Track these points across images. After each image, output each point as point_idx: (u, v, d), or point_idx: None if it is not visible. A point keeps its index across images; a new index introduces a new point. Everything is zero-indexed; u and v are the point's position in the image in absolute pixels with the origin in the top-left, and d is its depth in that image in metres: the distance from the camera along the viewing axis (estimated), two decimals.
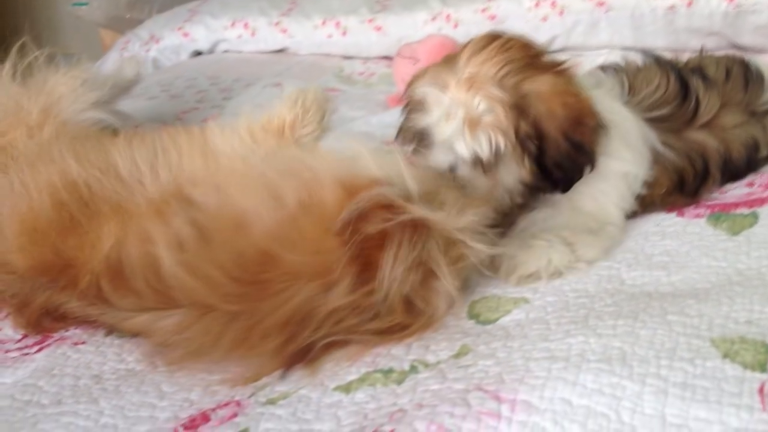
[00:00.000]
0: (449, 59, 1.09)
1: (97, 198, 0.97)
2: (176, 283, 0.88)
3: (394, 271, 0.89)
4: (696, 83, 1.24)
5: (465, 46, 1.08)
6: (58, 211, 0.97)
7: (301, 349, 0.88)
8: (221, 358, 0.89)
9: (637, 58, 1.34)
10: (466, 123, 1.03)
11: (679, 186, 1.20)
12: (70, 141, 1.10)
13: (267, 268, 0.88)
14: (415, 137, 1.11)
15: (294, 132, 1.10)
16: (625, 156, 1.14)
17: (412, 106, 1.12)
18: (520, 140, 1.05)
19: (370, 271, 0.89)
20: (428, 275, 0.93)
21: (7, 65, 1.29)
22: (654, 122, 1.18)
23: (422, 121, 1.08)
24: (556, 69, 1.09)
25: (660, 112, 1.20)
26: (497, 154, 1.04)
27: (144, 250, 0.89)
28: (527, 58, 1.07)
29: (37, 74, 1.29)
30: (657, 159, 1.17)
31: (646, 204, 1.19)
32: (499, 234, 1.05)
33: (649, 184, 1.17)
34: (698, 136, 1.21)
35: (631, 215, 1.18)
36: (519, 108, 1.04)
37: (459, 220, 0.94)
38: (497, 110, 1.03)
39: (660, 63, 1.29)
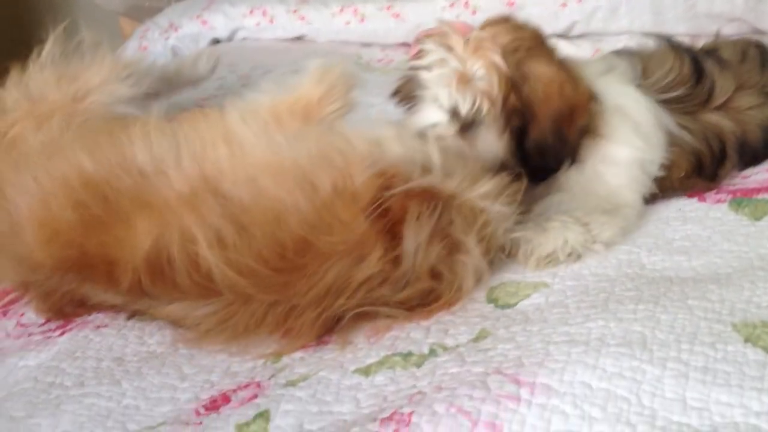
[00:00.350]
0: (449, 32, 1.11)
1: (118, 194, 0.96)
2: (221, 278, 0.89)
3: (416, 239, 0.91)
4: (711, 65, 1.24)
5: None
6: (79, 211, 0.96)
7: (333, 318, 0.90)
8: (260, 339, 0.91)
9: (651, 43, 1.33)
10: (457, 76, 1.05)
11: (698, 169, 1.20)
12: (81, 136, 1.09)
13: (304, 254, 0.89)
14: (411, 92, 1.13)
15: (320, 111, 1.08)
16: (635, 143, 1.13)
17: (410, 64, 1.14)
18: (506, 112, 1.06)
19: (398, 242, 0.91)
20: (455, 247, 0.95)
21: (48, 47, 1.28)
22: (668, 104, 1.18)
23: (418, 76, 1.09)
24: (563, 61, 1.11)
25: (674, 93, 1.19)
26: (476, 117, 1.06)
27: (185, 248, 0.90)
28: (538, 42, 1.09)
29: (80, 59, 1.29)
30: (673, 141, 1.16)
31: (665, 187, 1.19)
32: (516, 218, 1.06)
33: (667, 167, 1.17)
34: (713, 118, 1.21)
35: (651, 199, 1.18)
36: (515, 82, 1.05)
37: (478, 187, 0.96)
38: (492, 78, 1.05)
39: (674, 46, 1.29)
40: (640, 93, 1.17)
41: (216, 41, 2.51)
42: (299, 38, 2.42)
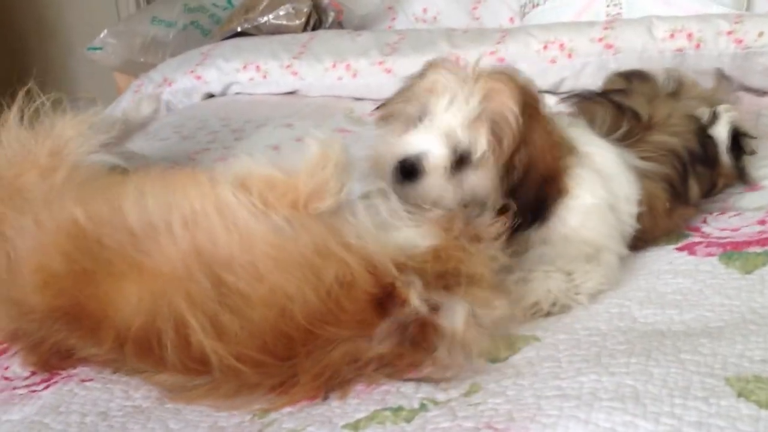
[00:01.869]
0: (461, 66, 1.12)
1: (108, 252, 0.95)
2: (220, 365, 0.88)
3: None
4: (618, 97, 1.31)
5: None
6: (69, 262, 0.95)
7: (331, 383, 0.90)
8: (252, 401, 0.90)
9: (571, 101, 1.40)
10: (483, 117, 1.04)
11: (674, 195, 1.22)
12: (79, 187, 1.09)
13: (310, 342, 0.89)
14: (400, 118, 1.12)
15: (309, 206, 1.02)
16: (598, 191, 1.14)
17: (409, 89, 1.13)
18: (507, 165, 1.06)
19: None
20: None
21: (14, 109, 1.29)
22: (622, 142, 1.21)
23: (422, 102, 1.08)
24: (551, 126, 1.12)
25: (621, 131, 1.23)
26: (483, 161, 1.06)
27: (178, 331, 0.89)
28: (538, 106, 1.10)
29: (45, 119, 1.29)
30: (643, 174, 1.19)
31: (654, 225, 1.20)
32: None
33: (646, 201, 1.18)
34: (659, 138, 1.25)
35: (643, 244, 1.20)
36: (522, 141, 1.06)
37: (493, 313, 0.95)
38: (507, 129, 1.04)
39: (587, 97, 1.36)
40: (601, 140, 1.19)
41: (209, 96, 2.54)
42: (292, 93, 2.45)
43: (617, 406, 0.78)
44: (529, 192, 1.08)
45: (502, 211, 1.06)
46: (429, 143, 1.06)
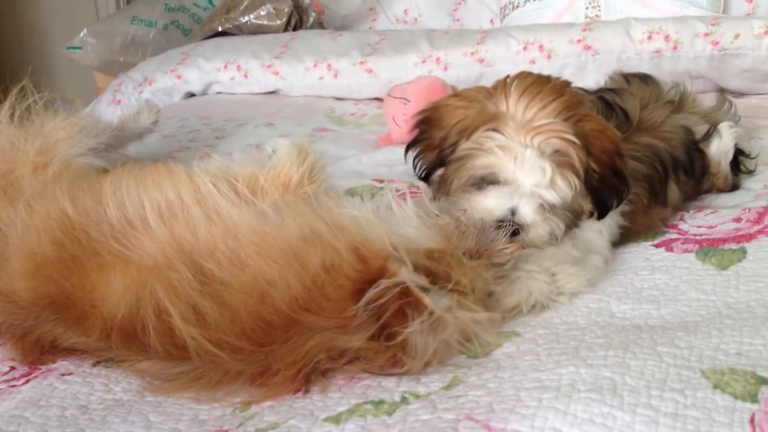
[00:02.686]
0: (475, 96, 1.11)
1: (94, 243, 0.97)
2: (198, 352, 0.88)
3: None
4: (611, 96, 1.31)
5: (501, 87, 1.09)
6: (58, 251, 0.97)
7: (310, 374, 0.90)
8: (233, 391, 0.90)
9: None
10: (553, 169, 1.04)
11: (653, 195, 1.23)
12: (69, 181, 1.10)
13: (290, 329, 0.89)
14: (464, 184, 1.10)
15: (299, 189, 1.07)
16: None
17: (457, 155, 1.10)
18: (588, 177, 1.07)
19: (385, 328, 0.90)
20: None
21: (5, 107, 1.30)
22: None
23: (483, 167, 1.06)
24: (587, 103, 1.14)
25: None
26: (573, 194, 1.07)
27: (160, 319, 0.89)
28: (573, 99, 1.10)
29: (36, 118, 1.30)
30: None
31: (636, 223, 1.22)
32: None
33: (631, 201, 1.19)
34: (644, 139, 1.26)
35: (623, 240, 1.22)
36: (585, 147, 1.06)
37: (474, 315, 0.94)
38: (570, 152, 1.05)
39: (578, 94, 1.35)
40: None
41: (190, 95, 2.54)
42: (273, 92, 2.45)
43: (595, 397, 0.79)
44: (608, 179, 1.10)
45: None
46: (517, 201, 1.06)
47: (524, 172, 1.04)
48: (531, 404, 0.79)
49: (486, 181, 1.07)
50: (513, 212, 1.06)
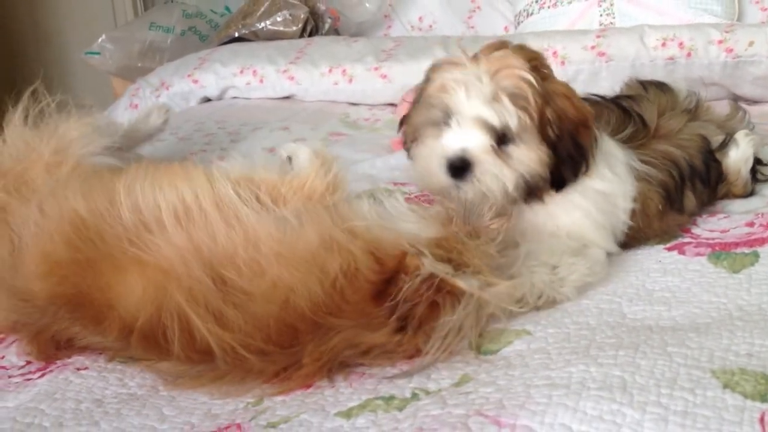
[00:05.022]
0: (461, 58, 1.12)
1: (108, 245, 0.97)
2: (224, 355, 0.90)
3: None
4: (628, 103, 1.33)
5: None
6: (72, 251, 0.98)
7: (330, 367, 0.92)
8: (251, 388, 0.92)
9: None
10: (501, 92, 1.05)
11: (668, 202, 1.24)
12: (82, 181, 1.11)
13: (314, 331, 0.90)
14: (426, 126, 1.13)
15: (323, 199, 1.08)
16: (606, 175, 1.16)
17: (423, 99, 1.14)
18: (542, 125, 1.08)
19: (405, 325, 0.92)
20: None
21: (19, 109, 1.31)
22: (625, 144, 1.23)
23: (440, 102, 1.09)
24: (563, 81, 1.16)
25: (625, 133, 1.25)
26: (521, 130, 1.07)
27: (181, 326, 0.91)
28: (543, 64, 1.13)
29: (49, 120, 1.31)
30: (640, 176, 1.20)
31: (648, 221, 1.22)
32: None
33: (640, 201, 1.19)
34: (663, 147, 1.26)
35: (635, 243, 1.22)
36: (544, 97, 1.08)
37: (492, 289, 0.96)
38: (526, 92, 1.06)
39: (596, 101, 1.36)
40: (606, 136, 1.21)
41: (206, 100, 2.56)
42: (288, 97, 2.46)
43: (605, 395, 0.79)
44: (567, 143, 1.10)
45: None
46: (466, 136, 1.07)
47: (472, 102, 1.06)
48: (541, 401, 0.79)
49: (443, 122, 1.09)
50: (463, 151, 1.07)
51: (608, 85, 2.04)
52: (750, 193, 1.43)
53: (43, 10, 3.90)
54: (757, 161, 1.45)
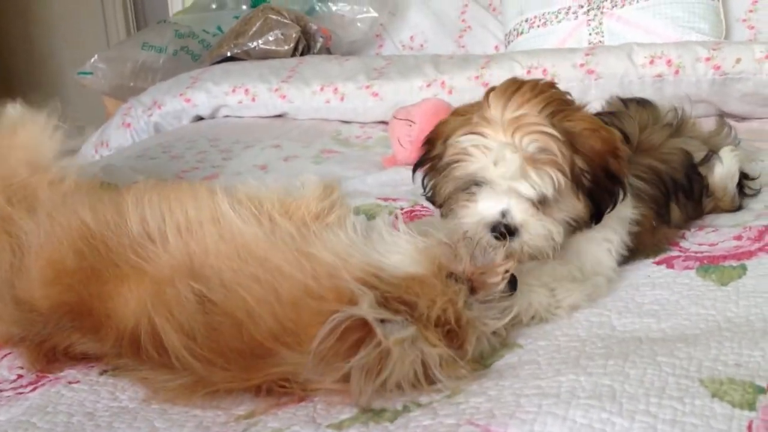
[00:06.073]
0: (469, 110, 1.11)
1: (113, 255, 0.99)
2: (180, 364, 0.90)
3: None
4: (610, 119, 1.31)
5: (487, 94, 1.10)
6: (79, 260, 0.99)
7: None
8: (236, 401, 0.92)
9: None
10: (528, 162, 1.03)
11: (658, 214, 1.24)
12: (88, 193, 1.13)
13: (268, 360, 0.89)
14: (454, 192, 1.11)
15: (315, 222, 1.07)
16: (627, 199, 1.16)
17: (442, 167, 1.11)
18: (575, 175, 1.07)
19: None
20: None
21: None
22: None
23: (466, 171, 1.07)
24: (581, 107, 1.14)
25: None
26: (558, 192, 1.06)
27: (156, 331, 0.92)
28: (558, 98, 1.11)
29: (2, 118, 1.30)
30: (634, 192, 1.20)
31: (643, 239, 1.22)
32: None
33: (638, 221, 1.20)
34: (645, 161, 1.26)
35: (630, 257, 1.22)
36: (570, 144, 1.06)
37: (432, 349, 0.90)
38: (552, 147, 1.04)
39: None
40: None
41: (199, 118, 2.57)
42: (280, 116, 2.48)
43: (594, 404, 0.80)
44: (602, 179, 1.09)
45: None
46: (504, 202, 1.06)
47: (502, 170, 1.04)
48: (531, 410, 0.80)
49: (473, 187, 1.08)
50: (504, 214, 1.06)
51: (597, 103, 2.06)
52: (738, 208, 1.44)
53: (37, 30, 3.92)
54: (744, 176, 1.47)
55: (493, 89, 1.11)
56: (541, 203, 1.07)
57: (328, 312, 0.86)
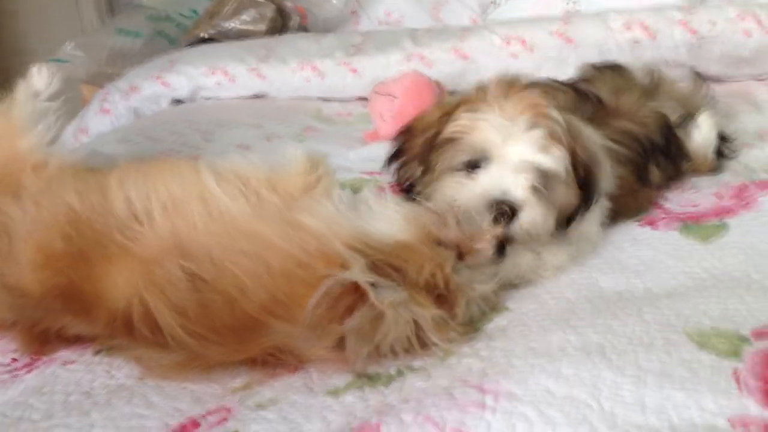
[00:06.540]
0: (471, 98, 1.11)
1: (100, 236, 0.99)
2: (175, 342, 0.91)
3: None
4: (583, 85, 1.35)
5: (478, 87, 1.11)
6: (67, 243, 0.99)
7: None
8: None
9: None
10: (547, 138, 1.04)
11: (638, 177, 1.26)
12: (73, 176, 1.12)
13: (261, 333, 0.91)
14: (453, 169, 1.09)
15: (302, 195, 1.07)
16: None
17: (443, 139, 1.10)
18: (575, 164, 1.08)
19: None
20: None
21: None
22: (589, 124, 1.22)
23: (472, 146, 1.06)
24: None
25: (586, 114, 1.25)
26: (563, 172, 1.06)
27: (148, 310, 0.93)
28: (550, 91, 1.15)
29: None
30: (611, 156, 1.20)
31: (625, 201, 1.23)
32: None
33: (617, 183, 1.21)
34: (621, 124, 1.28)
35: (612, 221, 1.23)
36: (573, 135, 1.08)
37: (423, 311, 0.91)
38: (558, 131, 1.05)
39: (549, 84, 1.37)
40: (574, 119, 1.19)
41: (177, 102, 2.55)
42: (260, 96, 2.47)
43: (584, 359, 0.82)
44: (591, 177, 1.11)
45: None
46: (509, 180, 1.05)
47: (515, 146, 1.04)
48: (522, 368, 0.82)
49: (474, 164, 1.07)
50: (505, 193, 1.04)
51: (575, 71, 2.09)
52: (717, 170, 1.46)
53: (8, 20, 3.86)
54: (722, 138, 1.48)
55: (482, 85, 1.12)
56: (540, 189, 1.06)
57: (319, 279, 0.87)
